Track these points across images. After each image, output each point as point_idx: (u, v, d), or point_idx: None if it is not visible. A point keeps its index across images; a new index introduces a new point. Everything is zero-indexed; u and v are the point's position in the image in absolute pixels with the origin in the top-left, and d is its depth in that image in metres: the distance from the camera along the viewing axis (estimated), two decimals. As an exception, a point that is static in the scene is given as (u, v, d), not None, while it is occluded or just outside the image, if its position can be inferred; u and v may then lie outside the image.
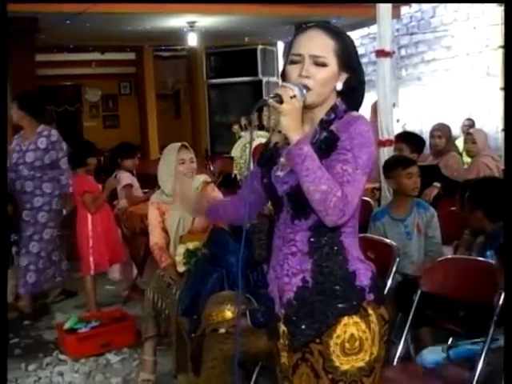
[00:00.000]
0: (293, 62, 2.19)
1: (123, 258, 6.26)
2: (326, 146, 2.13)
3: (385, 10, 5.49)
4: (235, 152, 5.19)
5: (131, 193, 6.52)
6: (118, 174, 6.48)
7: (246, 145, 5.04)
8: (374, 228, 4.48)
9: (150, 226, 4.59)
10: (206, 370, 3.40)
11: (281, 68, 2.35)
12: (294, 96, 2.08)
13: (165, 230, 4.47)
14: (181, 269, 4.14)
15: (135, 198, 6.50)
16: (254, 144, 3.74)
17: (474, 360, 3.03)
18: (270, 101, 2.10)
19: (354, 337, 2.13)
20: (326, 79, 2.16)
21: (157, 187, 4.76)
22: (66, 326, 5.30)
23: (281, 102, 2.08)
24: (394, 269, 3.62)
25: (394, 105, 10.16)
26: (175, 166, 4.46)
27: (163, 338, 4.45)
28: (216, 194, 4.58)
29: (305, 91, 2.12)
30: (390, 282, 3.57)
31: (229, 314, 3.41)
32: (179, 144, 4.54)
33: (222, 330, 3.42)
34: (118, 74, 15.32)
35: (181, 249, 4.19)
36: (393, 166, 4.64)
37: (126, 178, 6.53)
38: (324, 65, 2.15)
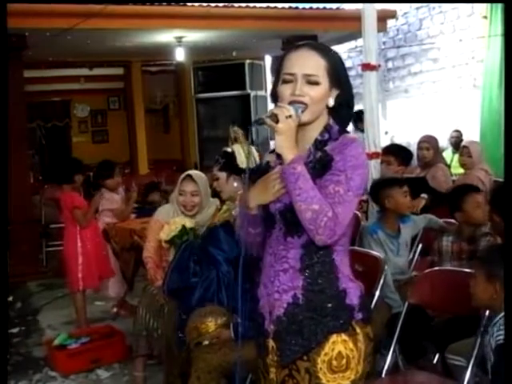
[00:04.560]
0: (285, 82, 2.21)
1: (112, 273, 6.24)
2: (320, 166, 2.16)
3: (370, 24, 5.52)
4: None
5: (120, 214, 6.55)
6: (103, 193, 6.48)
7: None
8: (372, 241, 4.47)
9: (147, 238, 4.54)
10: (191, 382, 3.41)
11: (269, 86, 2.38)
12: (290, 116, 2.11)
13: (161, 247, 4.43)
14: (165, 237, 4.17)
15: (124, 216, 6.54)
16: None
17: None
18: (267, 120, 2.12)
19: (341, 354, 2.15)
20: (318, 97, 2.19)
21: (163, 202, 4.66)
22: (56, 342, 5.28)
23: (277, 121, 2.10)
24: (381, 281, 3.64)
25: (386, 133, 10.26)
26: (176, 195, 4.43)
27: (155, 357, 4.42)
28: None
29: (300, 111, 2.15)
30: (377, 294, 3.59)
31: (211, 327, 3.45)
32: (187, 172, 4.45)
33: (206, 342, 3.46)
34: (107, 89, 15.29)
35: (180, 221, 4.17)
36: (389, 185, 4.62)
37: (107, 202, 6.54)
38: (316, 83, 2.18)
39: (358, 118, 7.72)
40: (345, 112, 2.28)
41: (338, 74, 2.23)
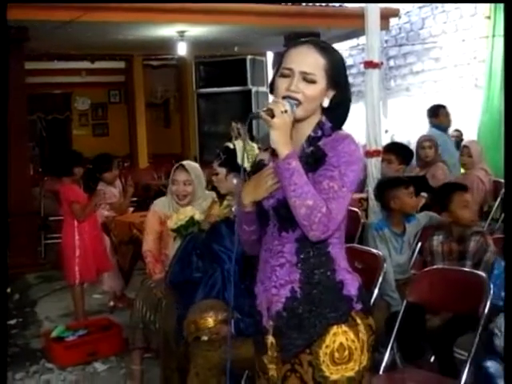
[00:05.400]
0: (283, 75, 2.22)
1: (110, 267, 6.22)
2: (313, 160, 2.16)
3: (373, 21, 5.50)
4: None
5: (118, 207, 6.56)
6: (100, 187, 6.48)
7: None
8: (377, 237, 4.49)
9: (146, 231, 4.52)
10: (190, 378, 3.40)
11: (270, 78, 2.38)
12: (286, 111, 2.12)
13: (160, 240, 4.41)
14: (172, 225, 4.09)
15: (122, 210, 6.55)
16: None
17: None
18: (262, 114, 2.13)
19: (343, 346, 2.15)
20: (314, 96, 2.19)
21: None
22: (53, 334, 5.29)
23: (272, 116, 2.11)
24: (380, 278, 3.65)
25: (386, 131, 10.17)
26: (170, 185, 4.42)
27: (152, 351, 4.40)
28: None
29: (295, 107, 2.15)
30: (376, 291, 3.60)
31: (211, 322, 3.41)
32: (180, 162, 4.45)
33: (205, 338, 3.42)
34: (108, 82, 15.28)
35: (190, 211, 4.11)
36: (395, 186, 4.61)
37: (105, 196, 6.55)
38: (313, 82, 2.18)
39: (434, 114, 7.55)
40: (340, 112, 2.28)
41: (337, 75, 2.23)
